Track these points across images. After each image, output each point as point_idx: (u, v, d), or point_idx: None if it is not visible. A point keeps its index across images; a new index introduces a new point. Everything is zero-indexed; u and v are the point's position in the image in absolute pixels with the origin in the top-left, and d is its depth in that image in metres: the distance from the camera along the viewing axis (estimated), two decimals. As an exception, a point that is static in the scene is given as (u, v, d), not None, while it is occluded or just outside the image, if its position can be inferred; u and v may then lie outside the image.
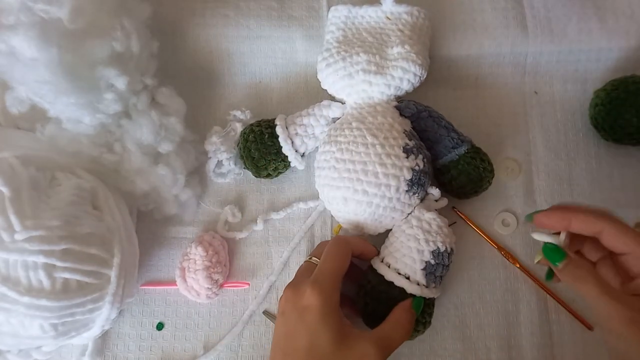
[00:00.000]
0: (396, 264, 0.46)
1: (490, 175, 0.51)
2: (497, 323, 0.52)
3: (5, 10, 0.43)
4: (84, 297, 0.43)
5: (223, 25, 0.57)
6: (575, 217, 0.38)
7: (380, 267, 0.46)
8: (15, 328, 0.42)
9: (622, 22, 0.56)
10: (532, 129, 0.57)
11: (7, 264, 0.40)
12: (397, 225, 0.48)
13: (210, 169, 0.56)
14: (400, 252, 0.46)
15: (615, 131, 0.53)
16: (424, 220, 0.47)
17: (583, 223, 0.38)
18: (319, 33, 0.57)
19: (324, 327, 0.39)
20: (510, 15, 0.57)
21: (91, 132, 0.50)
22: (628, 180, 0.55)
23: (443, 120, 0.51)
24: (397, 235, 0.47)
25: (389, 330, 0.42)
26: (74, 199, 0.45)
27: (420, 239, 0.46)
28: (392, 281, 0.45)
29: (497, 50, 0.56)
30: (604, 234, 0.37)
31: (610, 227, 0.37)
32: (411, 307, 0.44)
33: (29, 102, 0.48)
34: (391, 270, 0.45)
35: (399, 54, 0.50)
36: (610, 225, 0.37)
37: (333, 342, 0.39)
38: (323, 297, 0.40)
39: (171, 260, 0.55)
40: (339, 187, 0.47)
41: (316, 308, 0.39)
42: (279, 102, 0.59)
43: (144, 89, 0.52)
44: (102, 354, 0.52)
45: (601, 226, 0.37)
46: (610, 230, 0.37)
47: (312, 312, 0.39)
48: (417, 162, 0.47)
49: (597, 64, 0.57)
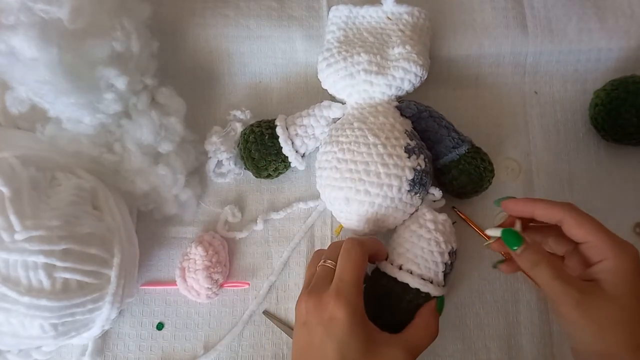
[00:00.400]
0: (417, 268, 0.45)
1: (491, 175, 0.51)
2: (497, 323, 0.52)
3: (5, 10, 0.43)
4: (84, 297, 0.43)
5: (223, 25, 0.57)
6: (539, 204, 0.41)
7: (394, 271, 0.45)
8: (15, 328, 0.42)
9: (622, 22, 0.56)
10: (532, 129, 0.57)
11: (7, 264, 0.40)
12: (407, 228, 0.47)
13: (210, 169, 0.56)
14: (419, 256, 0.45)
15: (615, 131, 0.53)
16: (439, 223, 0.47)
17: (546, 210, 0.40)
18: (319, 33, 0.57)
19: (353, 338, 0.38)
20: (510, 15, 0.57)
21: (91, 132, 0.50)
22: (628, 180, 0.56)
23: (443, 120, 0.51)
24: (412, 240, 0.46)
25: (417, 334, 0.42)
26: (74, 199, 0.45)
27: (441, 242, 0.45)
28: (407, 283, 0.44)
29: (497, 50, 0.56)
30: (565, 222, 0.39)
31: (571, 216, 0.39)
32: (436, 309, 0.44)
33: (29, 102, 0.48)
34: (407, 274, 0.44)
35: (400, 55, 0.50)
36: (571, 214, 0.39)
37: (363, 352, 0.38)
38: (350, 308, 0.39)
39: (171, 260, 0.55)
40: (341, 188, 0.47)
41: (344, 320, 0.38)
42: (279, 102, 0.59)
43: (144, 89, 0.52)
44: (102, 354, 0.52)
45: (562, 215, 0.39)
46: (570, 220, 0.39)
47: (339, 325, 0.38)
48: (418, 162, 0.47)
49: (597, 64, 0.57)
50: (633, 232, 0.54)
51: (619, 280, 0.37)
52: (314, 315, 0.40)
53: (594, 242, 0.38)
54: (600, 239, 0.38)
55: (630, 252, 0.38)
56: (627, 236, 0.54)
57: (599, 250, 0.38)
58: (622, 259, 0.37)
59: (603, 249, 0.38)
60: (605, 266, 0.38)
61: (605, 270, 0.38)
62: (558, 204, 0.40)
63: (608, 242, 0.38)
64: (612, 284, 0.37)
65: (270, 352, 0.52)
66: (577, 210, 0.39)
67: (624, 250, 0.37)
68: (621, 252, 0.37)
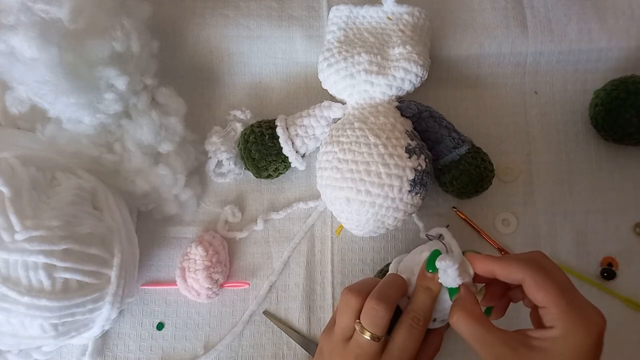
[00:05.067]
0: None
1: (491, 175, 0.51)
2: (497, 323, 0.51)
3: (5, 10, 0.43)
4: (84, 297, 0.43)
5: (223, 25, 0.57)
6: (499, 264, 0.37)
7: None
8: (15, 328, 0.42)
9: (622, 22, 0.56)
10: (532, 129, 0.57)
11: (7, 264, 0.40)
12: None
13: (210, 169, 0.56)
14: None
15: (615, 131, 0.53)
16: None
17: (505, 270, 0.36)
18: (319, 33, 0.57)
19: None
20: (510, 15, 0.57)
21: (91, 132, 0.50)
22: (628, 180, 0.56)
23: (444, 120, 0.51)
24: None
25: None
26: (74, 199, 0.45)
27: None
28: None
29: (497, 50, 0.56)
30: (525, 283, 0.35)
31: (532, 277, 0.35)
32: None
33: (29, 102, 0.48)
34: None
35: (401, 55, 0.50)
36: (533, 276, 0.35)
37: None
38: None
39: (171, 260, 0.55)
40: (341, 188, 0.47)
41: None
42: (279, 102, 0.59)
43: (144, 89, 0.52)
44: (102, 354, 0.52)
45: (523, 275, 0.35)
46: (530, 282, 0.35)
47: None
48: (419, 162, 0.47)
49: (597, 64, 0.57)
50: (633, 232, 0.54)
51: (558, 349, 0.33)
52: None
53: (551, 309, 0.34)
54: (558, 308, 0.34)
55: (590, 328, 0.33)
56: (627, 236, 0.54)
57: (554, 318, 0.34)
58: (574, 335, 0.33)
59: (557, 318, 0.34)
60: (552, 334, 0.34)
61: (551, 339, 0.33)
62: (522, 262, 0.36)
63: (566, 312, 0.33)
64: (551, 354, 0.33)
65: (270, 352, 0.52)
66: (541, 271, 0.35)
67: (582, 325, 0.33)
68: (577, 326, 0.33)
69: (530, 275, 0.35)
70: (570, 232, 0.54)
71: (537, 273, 0.35)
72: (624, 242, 0.54)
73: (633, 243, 0.54)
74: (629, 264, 0.53)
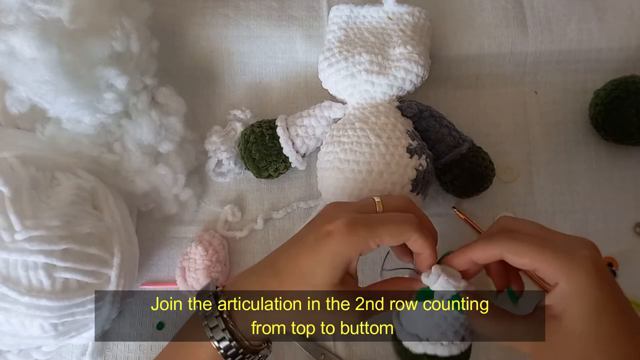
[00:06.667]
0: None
1: (492, 174, 0.51)
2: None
3: (5, 10, 0.43)
4: (84, 297, 0.43)
5: (223, 25, 0.57)
6: (473, 250, 0.36)
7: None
8: (15, 328, 0.42)
9: (622, 22, 0.56)
10: (532, 129, 0.57)
11: (7, 264, 0.40)
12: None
13: (210, 169, 0.56)
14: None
15: (615, 131, 0.53)
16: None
17: (482, 253, 0.36)
18: (319, 33, 0.57)
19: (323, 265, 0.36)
20: (510, 15, 0.57)
21: (91, 132, 0.50)
22: (628, 180, 0.56)
23: (444, 120, 0.51)
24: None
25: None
26: (74, 199, 0.45)
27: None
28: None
29: (497, 50, 0.56)
30: (505, 257, 0.35)
31: (508, 249, 0.34)
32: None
33: (29, 102, 0.48)
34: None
35: (401, 55, 0.50)
36: (507, 247, 0.34)
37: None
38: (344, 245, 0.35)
39: (171, 260, 0.54)
40: (343, 188, 0.47)
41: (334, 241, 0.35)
42: (279, 102, 0.59)
43: (144, 89, 0.52)
44: (102, 354, 0.51)
45: (499, 250, 0.35)
46: (508, 254, 0.34)
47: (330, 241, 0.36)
48: (420, 162, 0.47)
49: (597, 64, 0.57)
50: (633, 232, 0.54)
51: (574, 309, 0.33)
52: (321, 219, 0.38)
53: (544, 268, 0.34)
54: (549, 264, 0.33)
55: (586, 267, 0.33)
56: (627, 236, 0.54)
57: (552, 274, 0.34)
58: (577, 282, 0.33)
59: (555, 273, 0.33)
60: (562, 292, 0.33)
61: (562, 299, 0.33)
62: (493, 241, 0.35)
63: (556, 264, 0.33)
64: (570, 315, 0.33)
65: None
66: (512, 240, 0.35)
67: (579, 267, 0.33)
68: (573, 271, 0.33)
69: (504, 247, 0.34)
70: (570, 232, 0.53)
71: (509, 242, 0.35)
72: (624, 242, 0.54)
73: (633, 243, 0.54)
74: (629, 264, 0.53)
